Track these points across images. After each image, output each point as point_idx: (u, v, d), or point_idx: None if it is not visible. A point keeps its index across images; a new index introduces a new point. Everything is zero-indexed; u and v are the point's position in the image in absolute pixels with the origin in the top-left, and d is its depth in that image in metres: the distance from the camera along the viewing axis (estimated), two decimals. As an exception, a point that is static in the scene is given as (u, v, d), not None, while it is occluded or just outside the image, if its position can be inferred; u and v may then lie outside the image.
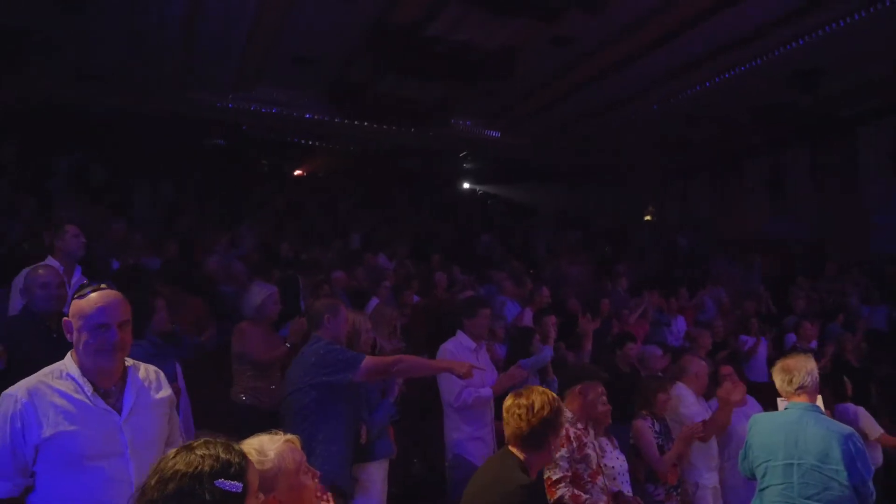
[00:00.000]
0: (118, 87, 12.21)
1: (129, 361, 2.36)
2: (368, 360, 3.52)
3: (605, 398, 3.86)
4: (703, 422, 4.41)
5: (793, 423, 3.22)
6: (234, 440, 1.57)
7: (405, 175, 19.20)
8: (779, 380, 3.37)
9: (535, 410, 2.75)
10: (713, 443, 4.58)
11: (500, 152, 18.01)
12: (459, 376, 3.85)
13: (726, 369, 5.10)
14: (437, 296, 8.52)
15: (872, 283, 12.23)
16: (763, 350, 8.10)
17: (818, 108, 13.29)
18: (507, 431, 2.80)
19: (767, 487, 3.26)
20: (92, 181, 12.54)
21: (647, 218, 21.12)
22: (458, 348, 4.58)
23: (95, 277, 4.59)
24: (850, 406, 5.40)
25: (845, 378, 5.72)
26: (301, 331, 4.45)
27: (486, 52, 10.67)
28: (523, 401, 2.79)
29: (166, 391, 2.43)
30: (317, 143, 17.38)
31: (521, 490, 2.60)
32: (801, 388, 3.28)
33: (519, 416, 2.75)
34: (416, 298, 8.15)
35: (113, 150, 13.54)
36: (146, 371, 2.41)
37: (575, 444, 3.45)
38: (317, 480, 1.89)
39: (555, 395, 2.88)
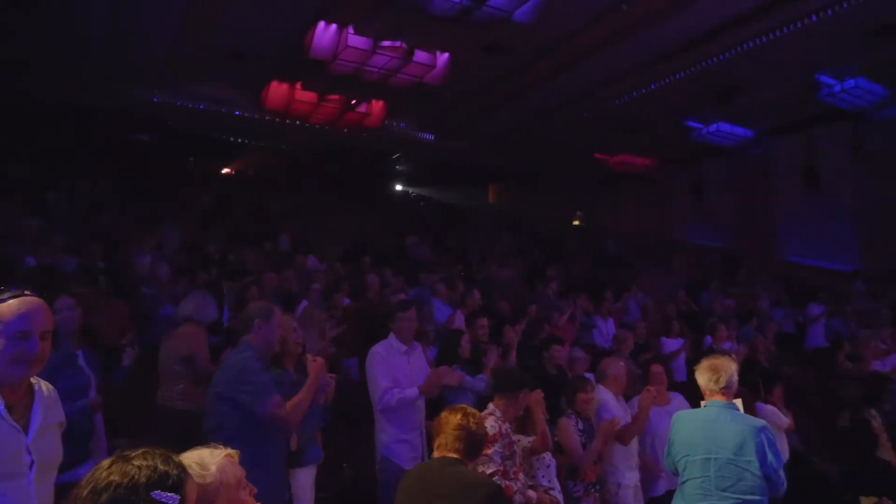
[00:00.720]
0: (35, 77, 11.62)
1: (32, 378, 2.16)
2: (274, 407, 3.32)
3: (544, 407, 4.05)
4: (614, 420, 4.55)
5: (711, 421, 3.39)
6: (174, 449, 1.54)
7: (337, 176, 19.04)
8: (704, 378, 3.51)
9: (482, 421, 3.01)
10: (634, 443, 4.74)
11: (434, 156, 18.10)
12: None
13: (657, 368, 5.27)
14: (369, 298, 8.48)
15: (782, 288, 12.96)
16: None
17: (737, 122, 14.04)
18: (460, 440, 2.85)
19: (687, 481, 3.41)
20: (6, 176, 11.86)
21: (576, 223, 21.68)
22: (388, 351, 4.54)
23: (6, 277, 4.34)
24: (761, 404, 5.71)
25: (759, 379, 6.04)
26: None
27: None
28: (472, 410, 2.97)
29: (62, 413, 2.27)
30: (247, 141, 17.02)
31: (501, 491, 2.77)
32: (725, 388, 3.45)
33: (477, 424, 2.91)
34: (346, 301, 8.09)
35: (29, 143, 12.85)
36: (48, 389, 2.22)
37: (506, 441, 3.55)
38: (253, 497, 1.87)
39: None
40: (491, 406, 3.80)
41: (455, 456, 2.84)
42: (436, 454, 2.92)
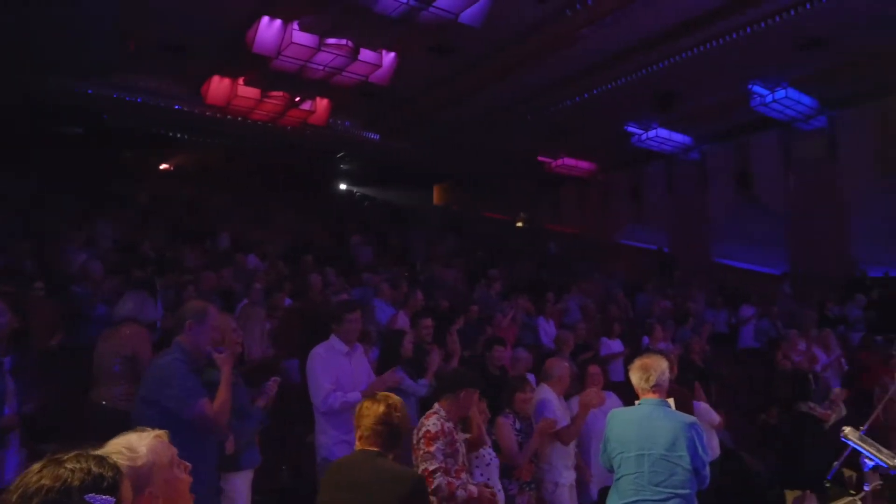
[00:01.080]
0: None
1: None
2: (205, 411, 3.24)
3: (484, 406, 4.09)
4: (552, 420, 4.63)
5: (644, 418, 3.49)
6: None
7: (279, 173, 18.72)
8: (636, 377, 3.61)
9: (405, 412, 2.96)
10: (572, 442, 4.83)
11: (379, 155, 18.00)
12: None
13: (594, 369, 5.39)
14: (311, 298, 8.36)
15: (715, 289, 13.43)
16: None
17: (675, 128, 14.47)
18: (380, 434, 2.84)
19: (622, 477, 3.50)
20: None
21: (519, 224, 21.94)
22: (330, 352, 4.50)
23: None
24: (697, 402, 5.91)
25: (694, 378, 6.24)
26: None
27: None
28: (394, 402, 2.92)
29: None
30: (186, 137, 16.56)
31: (424, 482, 2.86)
32: (656, 386, 3.55)
33: (399, 417, 2.88)
34: (288, 301, 7.96)
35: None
36: None
37: (448, 439, 3.57)
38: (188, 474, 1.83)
39: None
40: (436, 406, 3.81)
41: (376, 449, 2.85)
42: (357, 445, 2.90)
